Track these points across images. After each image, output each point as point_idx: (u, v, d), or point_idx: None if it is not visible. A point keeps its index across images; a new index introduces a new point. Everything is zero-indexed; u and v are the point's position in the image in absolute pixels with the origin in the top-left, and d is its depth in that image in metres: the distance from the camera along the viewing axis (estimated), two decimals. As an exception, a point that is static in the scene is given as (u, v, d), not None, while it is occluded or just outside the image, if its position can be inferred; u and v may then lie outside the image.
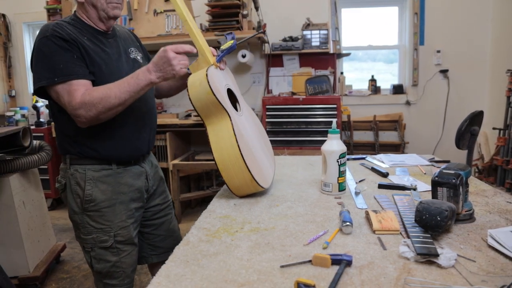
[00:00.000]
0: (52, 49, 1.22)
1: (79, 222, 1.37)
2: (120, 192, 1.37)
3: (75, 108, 1.20)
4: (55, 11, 3.58)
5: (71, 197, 1.36)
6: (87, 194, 1.33)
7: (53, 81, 1.21)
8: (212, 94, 1.25)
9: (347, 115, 3.75)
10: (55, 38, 1.22)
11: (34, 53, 1.27)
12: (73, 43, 1.24)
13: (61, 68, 1.21)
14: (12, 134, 2.20)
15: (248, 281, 0.78)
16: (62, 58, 1.22)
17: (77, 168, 1.35)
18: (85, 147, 1.33)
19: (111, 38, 1.39)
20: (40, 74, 1.24)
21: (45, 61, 1.23)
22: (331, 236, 0.97)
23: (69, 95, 1.21)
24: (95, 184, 1.34)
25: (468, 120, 1.21)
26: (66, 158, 1.38)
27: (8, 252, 2.24)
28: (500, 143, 3.16)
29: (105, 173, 1.35)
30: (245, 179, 1.27)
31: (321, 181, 1.36)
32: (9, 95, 4.35)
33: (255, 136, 1.43)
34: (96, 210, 1.34)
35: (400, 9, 3.94)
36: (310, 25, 3.68)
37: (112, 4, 1.31)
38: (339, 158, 1.29)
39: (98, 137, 1.32)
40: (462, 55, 3.71)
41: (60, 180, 1.40)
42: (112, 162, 1.36)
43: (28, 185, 2.40)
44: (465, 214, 1.05)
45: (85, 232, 1.36)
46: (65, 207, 3.98)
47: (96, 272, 1.39)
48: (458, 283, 0.74)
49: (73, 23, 1.31)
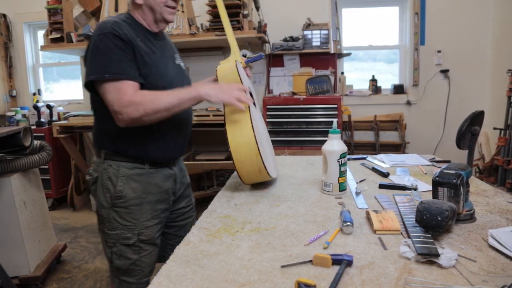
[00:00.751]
0: (108, 46, 1.25)
1: (105, 216, 1.38)
2: (149, 192, 1.39)
3: (123, 106, 1.23)
4: (55, 11, 3.58)
5: (101, 191, 1.38)
6: (118, 190, 1.35)
7: (104, 77, 1.24)
8: (237, 74, 1.38)
9: (348, 115, 3.75)
10: (112, 36, 1.25)
11: (90, 48, 1.29)
12: (128, 44, 1.27)
13: (113, 66, 1.24)
14: (13, 134, 2.21)
15: (249, 281, 0.78)
16: (116, 56, 1.25)
17: (111, 163, 1.37)
18: (122, 145, 1.36)
19: (160, 40, 1.43)
20: (92, 68, 1.27)
21: (99, 57, 1.26)
22: (331, 236, 0.97)
23: (119, 92, 1.24)
24: (127, 181, 1.36)
25: (468, 120, 1.22)
26: (101, 153, 1.39)
27: (8, 252, 2.24)
28: (501, 143, 3.16)
29: (138, 172, 1.38)
30: (256, 166, 1.34)
31: (321, 181, 1.36)
32: (10, 95, 4.35)
33: (263, 136, 1.52)
34: (124, 207, 1.36)
35: (400, 9, 3.93)
36: (310, 25, 3.67)
37: (169, 9, 1.37)
38: (340, 158, 1.29)
39: (136, 137, 1.35)
40: (463, 55, 3.71)
41: (91, 173, 1.42)
42: (145, 162, 1.39)
43: (29, 185, 2.40)
44: (465, 214, 1.05)
45: (110, 227, 1.38)
46: (65, 207, 3.99)
47: (115, 268, 1.41)
48: (459, 283, 0.74)
49: (129, 22, 1.35)
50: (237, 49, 1.55)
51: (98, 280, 2.47)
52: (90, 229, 3.38)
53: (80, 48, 3.54)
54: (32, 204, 2.40)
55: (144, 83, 1.31)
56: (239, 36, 3.19)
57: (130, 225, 1.36)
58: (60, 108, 4.18)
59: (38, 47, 4.45)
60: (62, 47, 3.53)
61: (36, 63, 4.49)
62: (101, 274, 2.56)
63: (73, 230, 3.37)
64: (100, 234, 1.44)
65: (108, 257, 1.41)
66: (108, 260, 1.42)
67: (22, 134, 2.25)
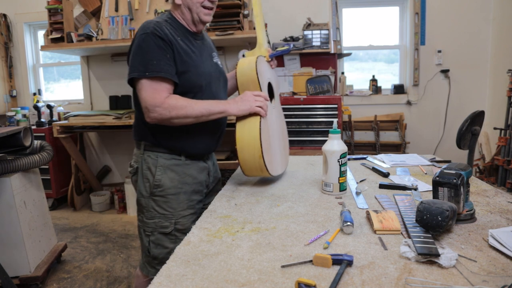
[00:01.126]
0: (149, 45, 1.33)
1: (144, 205, 1.45)
2: (185, 182, 1.47)
3: (156, 105, 1.31)
4: (56, 11, 3.58)
5: (141, 181, 1.45)
6: (156, 179, 1.42)
7: (144, 74, 1.32)
8: (255, 71, 1.42)
9: (348, 115, 3.75)
10: (154, 36, 1.33)
11: (133, 47, 1.37)
12: (168, 44, 1.35)
13: (153, 64, 1.32)
14: (13, 134, 2.20)
15: (249, 281, 0.78)
16: (156, 55, 1.32)
17: (150, 154, 1.45)
18: (160, 137, 1.43)
19: (199, 40, 1.50)
20: (134, 66, 1.35)
21: (140, 56, 1.34)
22: (332, 236, 0.97)
23: (154, 91, 1.32)
24: (165, 171, 1.43)
25: (469, 120, 1.22)
26: (141, 144, 1.48)
27: (9, 252, 2.24)
28: (501, 143, 3.16)
29: (175, 163, 1.45)
30: (256, 161, 1.39)
31: (322, 181, 1.36)
32: (10, 95, 4.35)
33: (276, 131, 1.56)
34: (162, 196, 1.43)
35: (401, 9, 3.93)
36: (311, 25, 3.67)
37: (205, 10, 1.44)
38: (340, 158, 1.29)
39: (173, 130, 1.42)
40: (463, 55, 3.71)
41: (132, 164, 1.50)
42: (182, 154, 1.46)
43: (29, 185, 2.40)
44: (466, 214, 1.05)
45: (148, 216, 1.44)
46: (65, 207, 4.00)
47: (152, 258, 1.45)
48: (459, 283, 0.74)
49: (170, 22, 1.43)
50: (264, 43, 1.57)
51: (98, 280, 2.47)
52: (90, 229, 3.39)
53: (80, 48, 3.54)
54: (32, 204, 2.40)
55: (183, 81, 1.38)
56: (239, 36, 3.19)
57: (167, 214, 1.43)
58: (60, 108, 4.18)
59: (38, 47, 4.45)
60: (62, 47, 3.53)
61: (36, 63, 4.49)
62: (101, 274, 2.56)
63: (73, 230, 3.37)
64: (139, 225, 1.49)
65: (145, 246, 1.46)
66: (145, 250, 1.46)
67: (22, 134, 2.25)
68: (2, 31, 4.23)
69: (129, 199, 3.72)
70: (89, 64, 4.15)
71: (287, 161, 1.70)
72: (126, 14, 3.57)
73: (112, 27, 3.56)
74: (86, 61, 4.14)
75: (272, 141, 1.49)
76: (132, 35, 3.46)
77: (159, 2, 3.54)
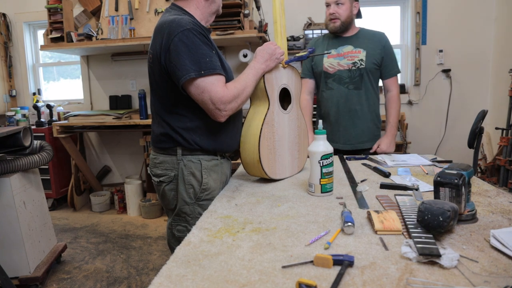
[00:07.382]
0: (195, 42, 1.24)
1: (189, 213, 1.42)
2: (223, 181, 1.49)
3: (226, 102, 1.27)
4: (55, 11, 3.58)
5: (183, 188, 1.40)
6: (204, 182, 1.40)
7: (200, 73, 1.23)
8: (262, 81, 1.43)
9: (349, 115, 3.73)
10: (195, 32, 1.25)
11: (174, 47, 1.24)
12: (208, 39, 1.30)
13: (206, 62, 1.24)
14: (13, 134, 2.20)
15: (250, 281, 0.77)
16: (205, 52, 1.25)
17: (190, 159, 1.40)
18: (197, 140, 1.39)
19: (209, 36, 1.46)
20: (186, 66, 1.24)
21: (188, 54, 1.24)
22: (332, 236, 0.96)
23: (217, 90, 1.26)
24: (209, 173, 1.41)
25: (481, 119, 1.20)
26: (176, 151, 1.40)
27: (8, 253, 2.24)
28: (503, 143, 3.15)
29: (215, 163, 1.45)
30: (253, 159, 1.44)
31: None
32: (10, 95, 4.35)
33: (287, 136, 1.56)
34: (209, 199, 1.40)
35: (402, 9, 3.93)
36: (311, 25, 3.67)
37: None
38: (321, 159, 1.29)
39: (209, 131, 1.40)
40: (465, 55, 3.70)
41: (167, 172, 1.41)
42: (217, 153, 1.46)
43: (29, 185, 2.40)
44: (467, 214, 1.04)
45: (195, 223, 1.37)
46: (65, 207, 3.99)
47: None
48: (461, 284, 0.73)
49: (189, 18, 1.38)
50: (283, 47, 1.54)
51: (98, 281, 2.47)
52: (90, 230, 3.38)
53: (80, 47, 3.54)
54: (32, 204, 2.40)
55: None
56: (239, 36, 3.18)
57: None
58: (60, 108, 4.18)
59: (38, 46, 4.45)
60: (62, 46, 3.53)
61: (36, 63, 4.49)
62: (101, 274, 2.56)
63: (73, 231, 3.37)
64: (179, 236, 1.42)
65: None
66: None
67: (22, 134, 2.24)
68: (2, 30, 4.23)
69: (129, 199, 3.72)
70: (89, 64, 4.15)
71: (303, 164, 1.68)
72: (126, 14, 3.57)
73: (112, 27, 3.56)
74: (86, 61, 4.14)
75: (278, 146, 1.51)
76: (132, 34, 3.46)
77: (159, 1, 3.53)
